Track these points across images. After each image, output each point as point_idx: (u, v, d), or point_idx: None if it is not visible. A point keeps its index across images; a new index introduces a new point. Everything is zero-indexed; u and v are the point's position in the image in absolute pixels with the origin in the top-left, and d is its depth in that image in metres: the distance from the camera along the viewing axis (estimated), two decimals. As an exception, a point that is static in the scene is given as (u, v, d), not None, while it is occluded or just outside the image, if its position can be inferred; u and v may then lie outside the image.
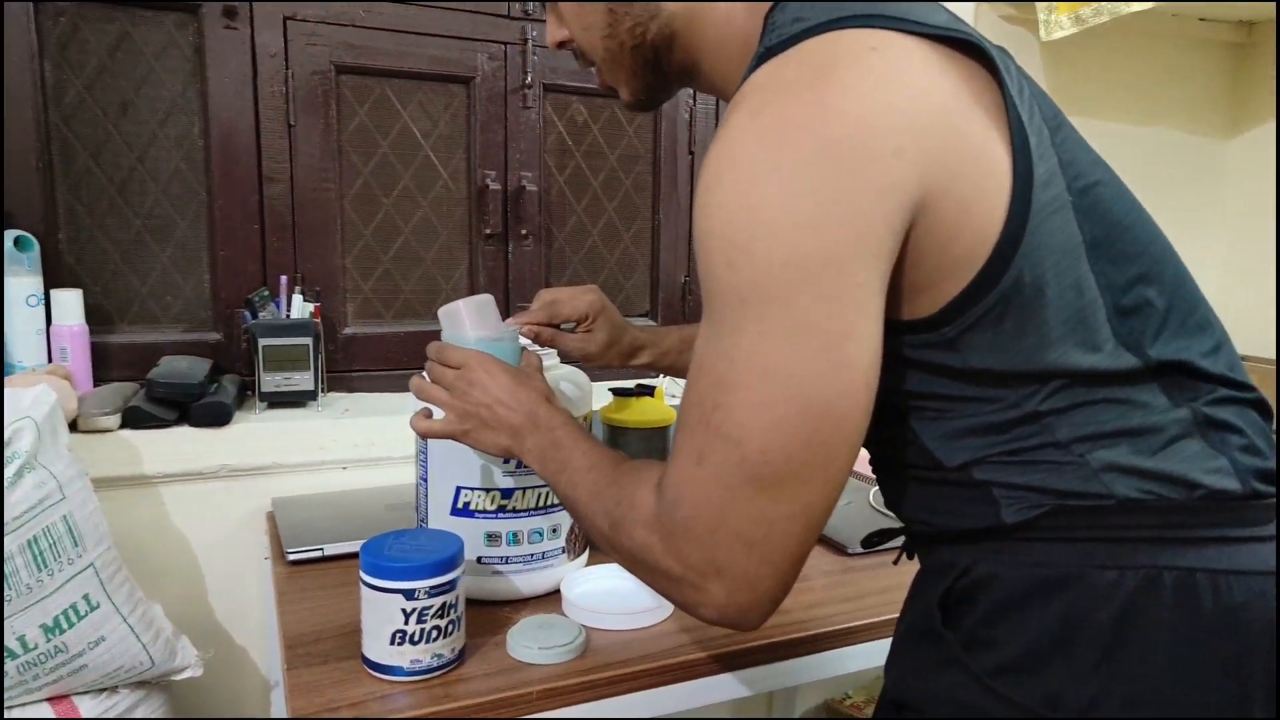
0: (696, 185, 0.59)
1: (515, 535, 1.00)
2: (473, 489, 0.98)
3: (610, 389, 1.21)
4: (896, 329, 0.59)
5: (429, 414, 0.90)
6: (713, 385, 0.57)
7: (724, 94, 0.73)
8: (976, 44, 0.59)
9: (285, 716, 0.80)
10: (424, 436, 0.89)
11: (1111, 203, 0.62)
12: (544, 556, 1.02)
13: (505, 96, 1.59)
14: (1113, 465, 0.59)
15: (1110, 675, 0.57)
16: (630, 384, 1.22)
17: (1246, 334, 2.28)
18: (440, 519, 0.99)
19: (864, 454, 0.66)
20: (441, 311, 0.95)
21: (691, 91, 1.75)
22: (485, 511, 0.98)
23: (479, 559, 0.99)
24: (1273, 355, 2.10)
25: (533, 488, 0.99)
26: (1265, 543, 0.59)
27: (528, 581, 1.01)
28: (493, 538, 0.99)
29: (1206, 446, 0.60)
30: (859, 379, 0.56)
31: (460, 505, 0.98)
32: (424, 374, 0.91)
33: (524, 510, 0.99)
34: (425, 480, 1.01)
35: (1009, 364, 0.58)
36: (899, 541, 0.80)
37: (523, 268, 1.65)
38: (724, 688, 0.94)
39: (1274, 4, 2.03)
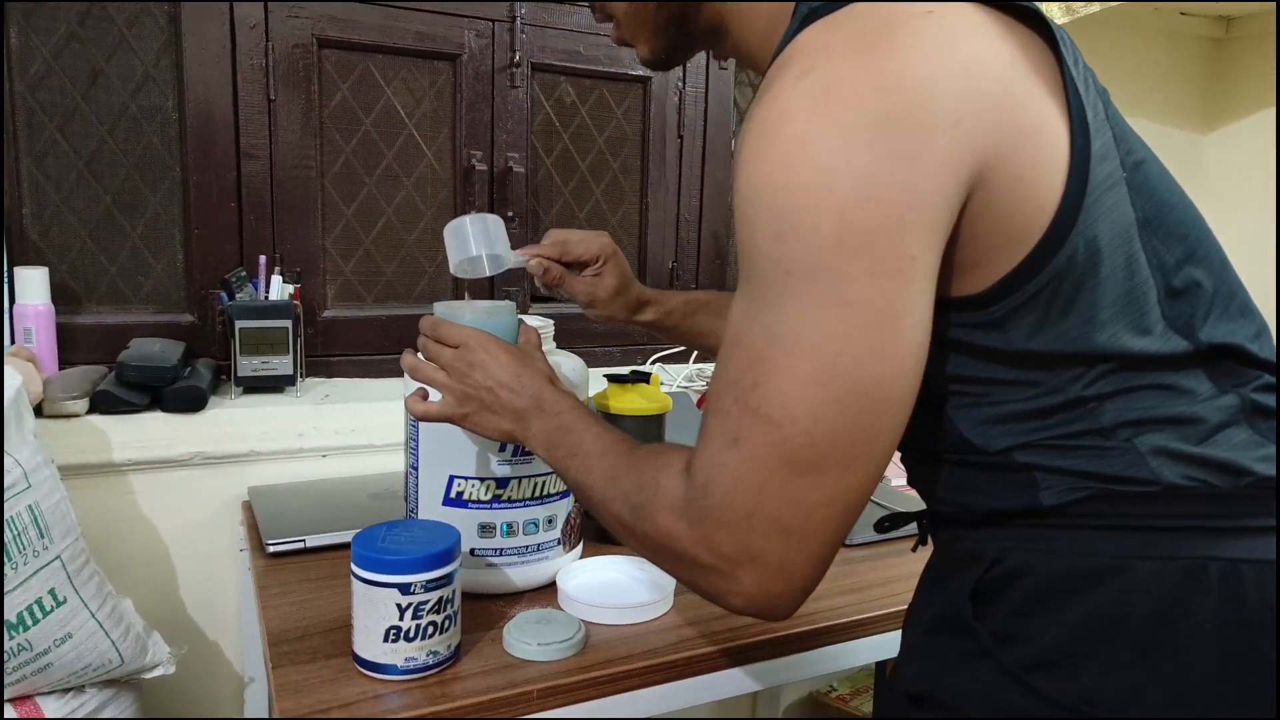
0: (737, 152, 0.55)
1: (510, 526, 0.96)
2: (467, 478, 0.94)
3: (605, 375, 1.18)
4: (943, 307, 0.56)
5: (424, 395, 0.86)
6: (751, 363, 0.54)
7: (751, 60, 0.69)
8: (1033, 10, 0.57)
9: (262, 716, 0.75)
10: (420, 419, 0.85)
11: (1158, 180, 0.60)
12: (539, 548, 0.98)
13: (492, 75, 1.54)
14: (1161, 450, 0.56)
15: (1150, 672, 0.55)
16: (625, 370, 1.18)
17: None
18: (432, 509, 0.95)
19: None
20: (448, 228, 0.92)
21: (680, 74, 1.71)
22: (479, 502, 0.94)
23: (472, 551, 0.95)
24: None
25: (529, 477, 0.95)
26: None
27: (522, 574, 0.98)
28: (486, 529, 0.95)
29: (1254, 434, 0.58)
30: (909, 358, 0.53)
31: (454, 495, 0.94)
32: (417, 352, 0.87)
33: (519, 500, 0.96)
34: (416, 469, 0.97)
35: (1055, 345, 0.56)
36: (912, 529, 0.77)
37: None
38: (729, 683, 0.92)
39: (1253, 1, 2.05)
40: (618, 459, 0.69)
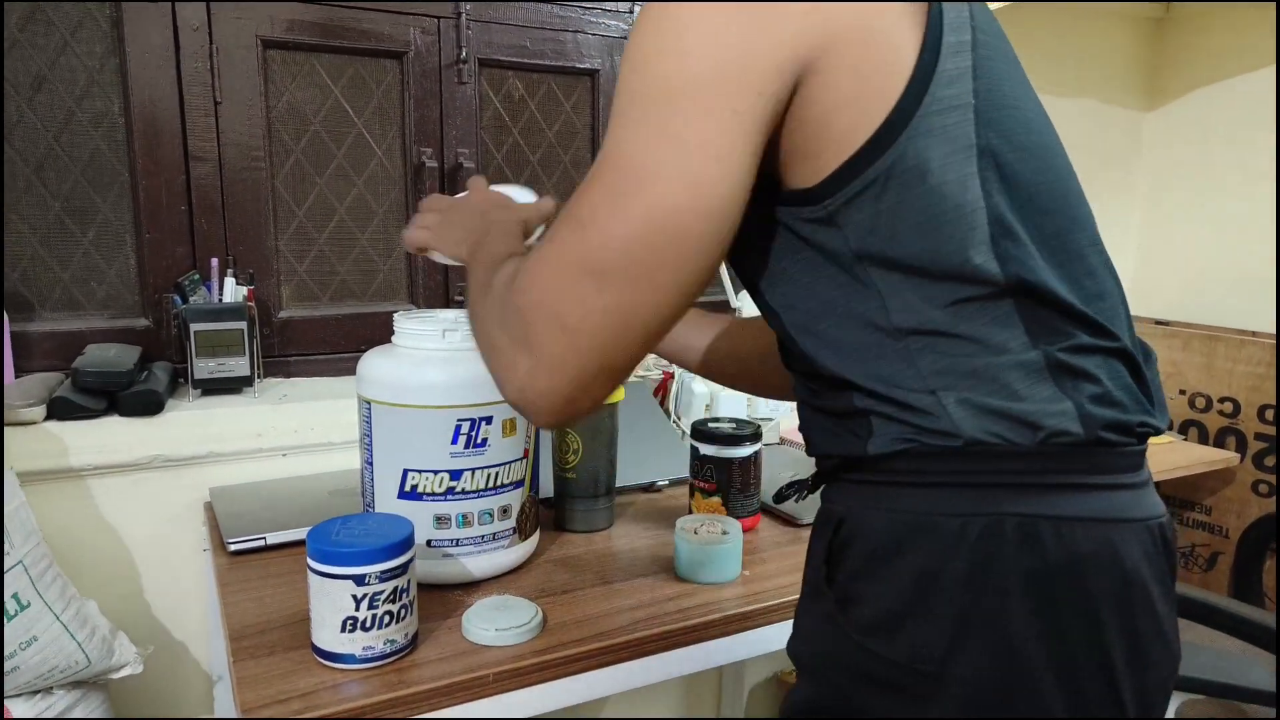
0: None
1: (465, 517, 0.98)
2: (420, 471, 0.96)
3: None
4: (786, 201, 0.61)
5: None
6: (585, 179, 0.59)
7: None
8: None
9: (232, 714, 0.77)
10: (406, 245, 0.93)
11: (1033, 138, 0.62)
12: (495, 538, 1.01)
13: (440, 72, 1.55)
14: (964, 401, 0.59)
15: (965, 626, 0.58)
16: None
17: (1160, 296, 2.37)
18: (388, 503, 0.98)
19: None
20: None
21: (631, 66, 1.73)
22: (433, 494, 0.97)
23: (429, 542, 0.98)
24: (1241, 326, 2.19)
25: (482, 469, 0.98)
26: (1113, 491, 0.60)
27: (479, 563, 1.00)
28: (441, 520, 0.98)
29: (1057, 390, 0.59)
30: (714, 200, 0.56)
31: (408, 488, 0.97)
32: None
33: (473, 492, 0.98)
34: (370, 464, 0.99)
35: (886, 248, 0.59)
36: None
37: (463, 247, 1.62)
38: (680, 662, 0.95)
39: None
40: (497, 274, 0.69)
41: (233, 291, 1.37)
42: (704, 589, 1.02)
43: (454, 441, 0.96)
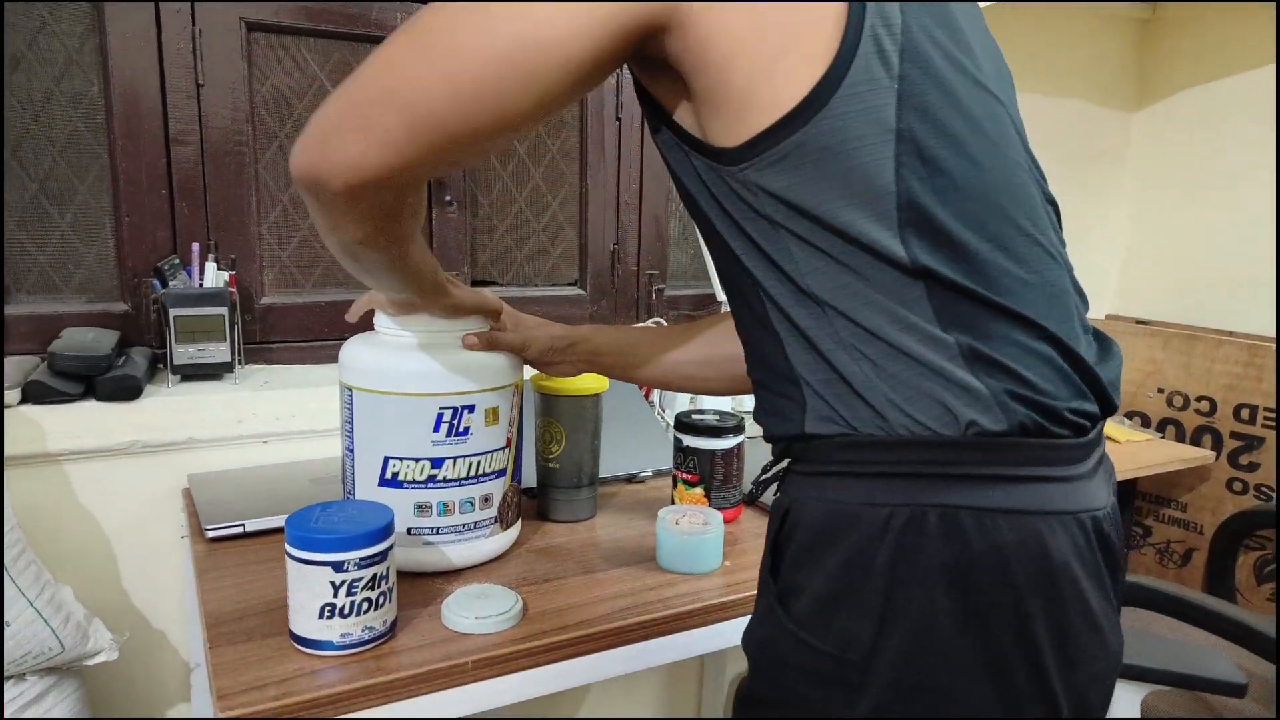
0: None
1: (445, 505, 0.98)
2: (401, 459, 0.96)
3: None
4: (711, 156, 0.62)
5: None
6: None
7: None
8: None
9: (208, 701, 0.77)
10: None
11: (959, 122, 0.61)
12: (475, 527, 1.00)
13: (427, 58, 1.54)
14: (888, 398, 0.60)
15: (890, 618, 0.58)
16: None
17: (1147, 296, 2.40)
18: (368, 490, 0.97)
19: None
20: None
21: (618, 57, 1.72)
22: (414, 482, 0.96)
23: (409, 530, 0.97)
24: (1234, 328, 2.20)
25: (463, 457, 0.97)
26: (1042, 483, 0.59)
27: (460, 552, 1.00)
28: (422, 508, 0.97)
29: (973, 378, 0.59)
30: (500, 44, 0.56)
31: (389, 476, 0.96)
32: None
33: (454, 480, 0.97)
34: (351, 451, 0.98)
35: (801, 216, 0.60)
36: None
37: (447, 235, 1.62)
38: (661, 651, 0.95)
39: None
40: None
41: (214, 277, 1.36)
42: (685, 579, 1.03)
43: (436, 430, 0.95)
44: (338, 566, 0.80)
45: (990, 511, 0.58)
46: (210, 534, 1.08)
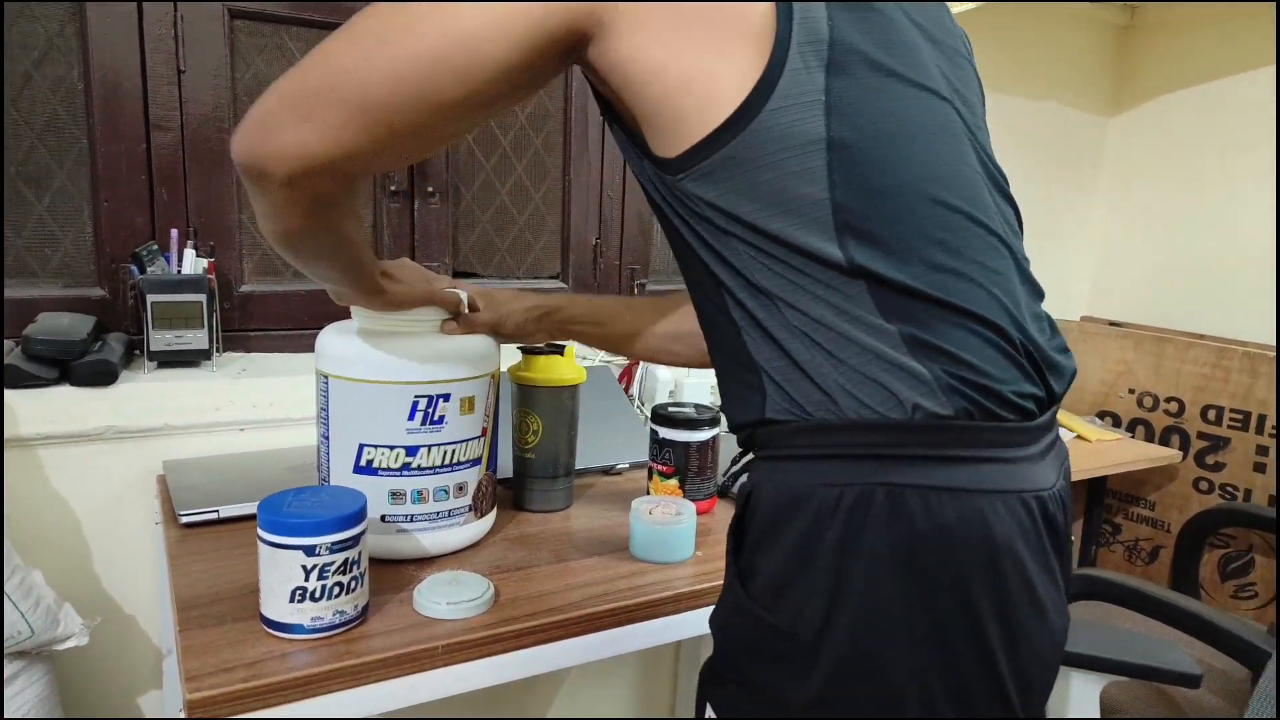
0: None
1: (420, 493, 0.99)
2: (376, 446, 0.96)
3: (520, 347, 1.21)
4: (660, 165, 0.65)
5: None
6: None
7: None
8: None
9: (178, 686, 0.77)
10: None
11: (888, 122, 0.62)
12: (450, 515, 1.01)
13: (410, 49, 1.54)
14: (839, 383, 0.62)
15: (840, 592, 0.61)
16: (541, 344, 1.21)
17: (1120, 299, 2.43)
18: (343, 477, 0.98)
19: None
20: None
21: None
22: (389, 469, 0.97)
23: (383, 517, 0.98)
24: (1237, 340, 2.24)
25: (438, 445, 0.98)
26: (986, 463, 0.61)
27: (433, 540, 1.01)
28: (396, 495, 0.98)
29: (916, 365, 0.61)
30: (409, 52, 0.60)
31: (363, 463, 0.97)
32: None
33: (428, 468, 0.98)
34: (327, 438, 0.99)
35: (742, 223, 0.63)
36: None
37: (429, 226, 1.62)
38: (631, 638, 0.96)
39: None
40: None
41: (192, 263, 1.36)
42: (657, 568, 1.04)
43: (411, 418, 0.96)
44: (309, 550, 0.81)
45: (935, 490, 0.60)
46: (184, 519, 1.08)
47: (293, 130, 0.60)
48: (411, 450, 0.97)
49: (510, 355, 1.18)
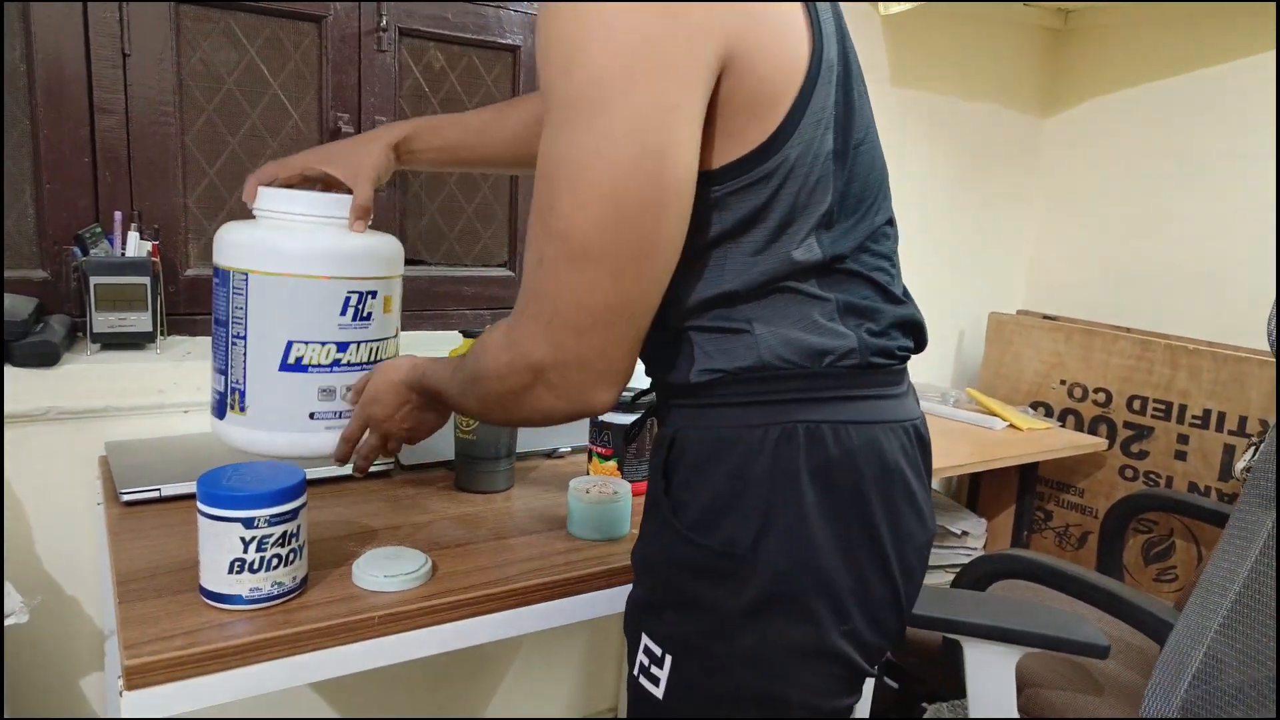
0: (540, 12, 0.65)
1: (349, 389, 1.00)
2: (307, 343, 0.96)
3: (462, 332, 1.24)
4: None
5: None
6: (549, 190, 0.64)
7: None
8: None
9: (119, 662, 0.79)
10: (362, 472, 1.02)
11: (861, 133, 0.73)
12: None
13: (359, 38, 1.56)
14: (771, 334, 0.71)
15: (769, 516, 0.70)
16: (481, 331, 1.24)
17: (1054, 293, 2.52)
18: (265, 377, 0.97)
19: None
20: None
21: (551, 44, 1.76)
22: (319, 365, 0.98)
23: (311, 414, 0.99)
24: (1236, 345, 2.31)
25: (366, 342, 1.00)
26: (878, 400, 0.74)
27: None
28: (326, 391, 0.99)
29: (844, 326, 0.73)
30: (671, 192, 0.63)
31: (292, 360, 0.97)
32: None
33: (358, 364, 1.00)
34: (243, 338, 0.97)
35: (743, 235, 0.69)
36: None
37: (377, 214, 1.63)
38: (564, 611, 1.00)
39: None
40: (457, 370, 0.82)
41: (136, 246, 1.36)
42: (594, 545, 1.07)
43: (343, 313, 0.97)
44: (248, 523, 0.83)
45: (844, 424, 0.71)
46: (125, 498, 1.09)
47: (608, 389, 0.70)
48: (342, 346, 0.98)
49: (455, 341, 1.21)
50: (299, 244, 0.96)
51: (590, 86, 0.60)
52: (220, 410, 1.03)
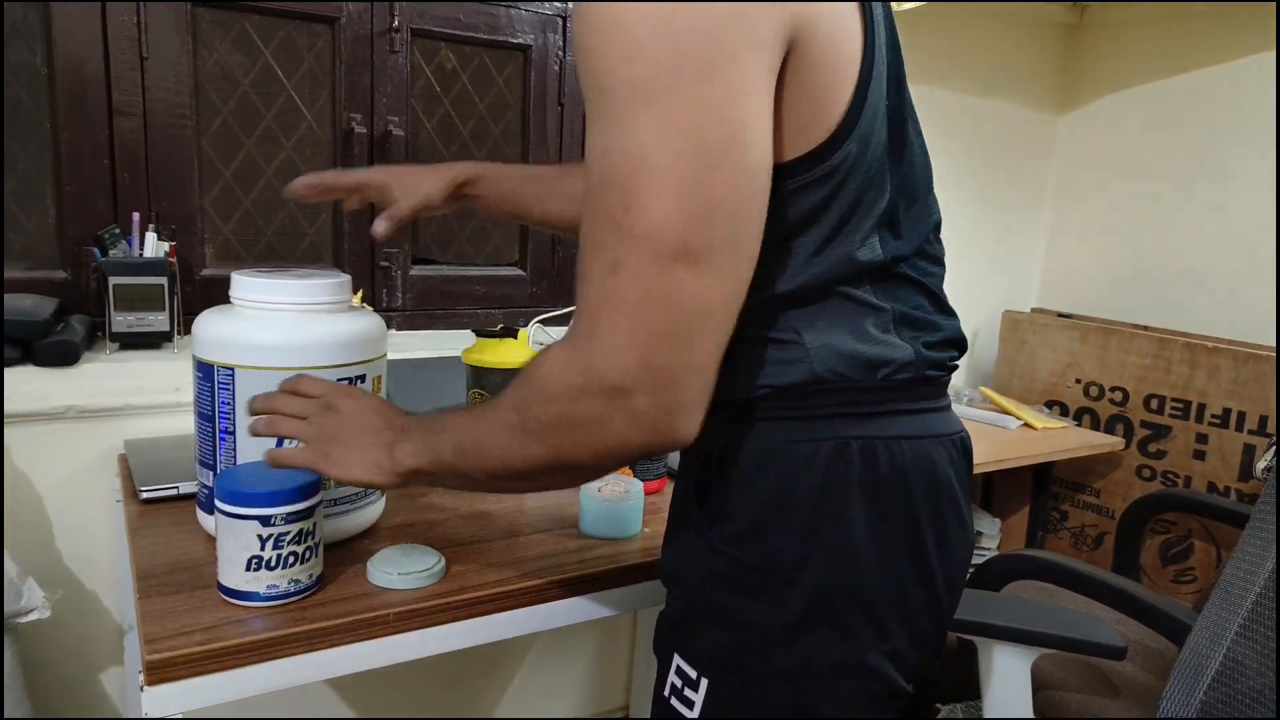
0: (579, 6, 0.59)
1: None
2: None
3: (475, 331, 1.24)
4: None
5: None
6: (621, 190, 0.57)
7: None
8: None
9: (139, 657, 0.80)
10: (277, 467, 0.84)
11: (914, 133, 0.73)
12: (365, 495, 1.02)
13: (371, 39, 1.57)
14: (826, 346, 0.69)
15: (815, 531, 0.69)
16: (497, 329, 1.25)
17: (1069, 290, 2.50)
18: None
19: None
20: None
21: (561, 43, 1.77)
22: None
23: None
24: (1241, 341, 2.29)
25: None
26: (929, 414, 0.73)
27: (352, 521, 1.01)
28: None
29: (898, 338, 0.71)
30: (752, 178, 0.59)
31: None
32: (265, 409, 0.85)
33: None
34: (231, 433, 0.94)
35: (801, 233, 0.66)
36: None
37: (392, 214, 1.64)
38: (578, 609, 1.00)
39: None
40: (485, 407, 0.70)
41: (154, 247, 1.38)
42: (606, 544, 1.08)
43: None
44: (265, 521, 0.84)
45: (897, 439, 0.70)
46: (144, 495, 1.11)
47: (693, 418, 0.62)
48: None
49: (467, 340, 1.22)
50: (283, 336, 0.93)
51: (659, 74, 0.55)
52: (209, 506, 0.96)
